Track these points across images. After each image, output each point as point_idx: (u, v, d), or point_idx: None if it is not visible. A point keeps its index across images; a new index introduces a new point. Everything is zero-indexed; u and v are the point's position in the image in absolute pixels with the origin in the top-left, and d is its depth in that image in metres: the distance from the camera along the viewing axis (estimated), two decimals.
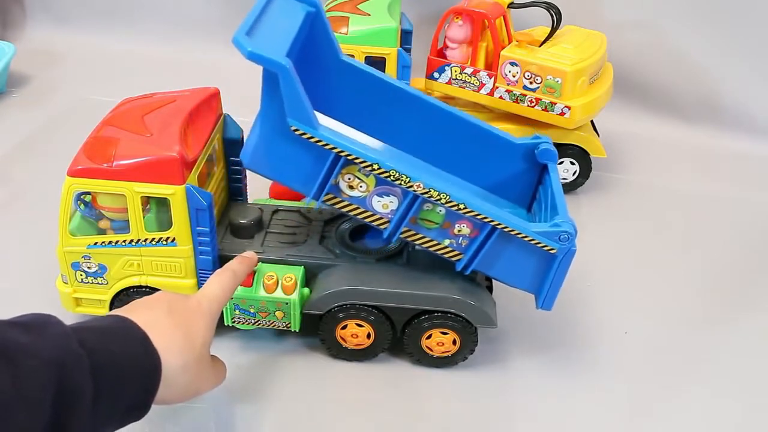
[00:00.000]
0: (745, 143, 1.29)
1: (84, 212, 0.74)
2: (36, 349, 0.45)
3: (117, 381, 0.49)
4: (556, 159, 0.80)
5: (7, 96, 1.33)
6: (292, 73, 0.62)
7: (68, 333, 0.48)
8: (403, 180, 0.67)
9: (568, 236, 0.69)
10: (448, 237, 0.71)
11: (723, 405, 0.77)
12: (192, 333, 0.57)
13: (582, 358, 0.82)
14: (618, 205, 1.12)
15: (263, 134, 0.68)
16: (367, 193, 0.69)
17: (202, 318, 0.60)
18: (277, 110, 0.65)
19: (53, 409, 0.44)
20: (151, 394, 0.52)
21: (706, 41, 1.29)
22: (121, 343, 0.51)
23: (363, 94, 0.82)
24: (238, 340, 0.80)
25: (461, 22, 1.07)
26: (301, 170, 0.69)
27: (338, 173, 0.68)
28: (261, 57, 0.61)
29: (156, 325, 0.54)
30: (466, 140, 0.82)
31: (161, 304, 0.58)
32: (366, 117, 0.83)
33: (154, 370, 0.52)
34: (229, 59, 1.45)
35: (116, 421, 0.51)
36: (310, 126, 0.65)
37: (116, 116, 0.75)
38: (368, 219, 0.71)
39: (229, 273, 0.67)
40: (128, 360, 0.50)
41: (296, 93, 0.63)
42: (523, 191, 0.84)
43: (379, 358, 0.79)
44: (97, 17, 1.54)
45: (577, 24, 1.14)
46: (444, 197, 0.68)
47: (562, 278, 0.72)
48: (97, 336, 0.50)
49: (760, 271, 0.98)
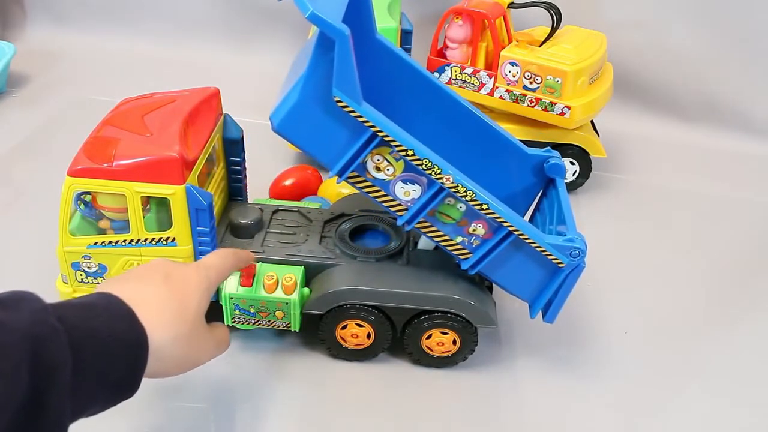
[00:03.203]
0: (745, 143, 1.29)
1: (84, 212, 0.74)
2: (11, 324, 0.43)
3: (99, 357, 0.48)
4: (564, 174, 0.80)
5: (7, 96, 1.33)
6: (349, 41, 0.60)
7: (45, 307, 0.46)
8: (434, 171, 0.67)
9: (579, 252, 0.70)
10: (462, 234, 0.71)
11: (723, 405, 0.77)
12: (185, 302, 0.56)
13: (582, 358, 0.82)
14: (618, 205, 1.12)
15: (302, 100, 0.65)
16: (392, 177, 0.69)
17: (198, 286, 0.58)
18: (324, 78, 0.63)
19: (30, 384, 0.43)
20: (138, 371, 0.51)
21: (705, 41, 1.29)
22: (103, 318, 0.50)
23: (390, 77, 0.81)
24: (238, 340, 0.80)
25: (461, 22, 1.07)
26: (333, 143, 0.67)
27: (369, 153, 0.67)
28: (322, 20, 0.59)
29: (145, 298, 0.53)
30: (480, 142, 0.82)
31: (156, 273, 0.57)
32: (388, 100, 0.81)
33: (139, 346, 0.51)
34: (229, 59, 1.48)
35: (103, 398, 0.49)
36: (354, 100, 0.64)
37: (116, 116, 0.75)
38: (387, 204, 0.70)
39: (229, 250, 0.67)
40: (111, 335, 0.49)
41: (349, 64, 0.62)
42: (523, 201, 0.84)
43: (379, 358, 0.79)
44: (97, 17, 1.54)
45: (577, 24, 1.14)
46: (470, 194, 0.67)
47: (567, 293, 0.73)
48: (77, 311, 0.49)
49: (760, 271, 0.98)
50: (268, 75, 1.11)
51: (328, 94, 0.63)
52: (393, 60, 0.80)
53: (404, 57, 0.80)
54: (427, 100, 0.81)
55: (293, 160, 1.13)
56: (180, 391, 0.73)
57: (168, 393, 0.73)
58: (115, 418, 0.53)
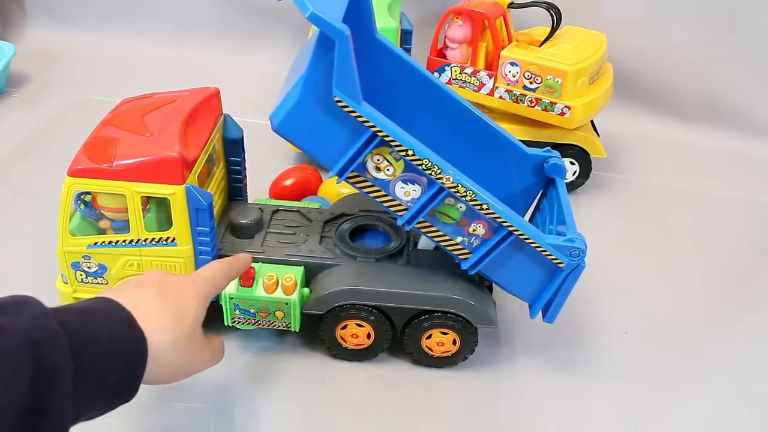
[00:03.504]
0: (745, 143, 1.29)
1: (84, 212, 0.74)
2: (12, 329, 0.44)
3: (100, 361, 0.48)
4: (564, 174, 0.80)
5: (7, 96, 1.33)
6: (349, 42, 0.60)
7: (46, 312, 0.47)
8: (434, 171, 0.67)
9: (579, 252, 0.70)
10: (462, 234, 0.71)
11: (723, 405, 0.77)
12: (182, 311, 0.57)
13: (582, 358, 0.82)
14: (618, 205, 1.12)
15: (302, 100, 0.65)
16: (392, 178, 0.69)
17: (194, 296, 0.59)
18: (323, 78, 0.63)
19: (31, 389, 0.43)
20: (137, 375, 0.51)
21: (705, 41, 1.29)
22: (104, 323, 0.50)
23: (391, 76, 0.81)
24: (238, 340, 0.80)
25: (461, 22, 1.07)
26: (332, 143, 0.67)
27: (369, 153, 0.67)
28: (322, 20, 0.59)
29: (144, 305, 0.54)
30: (480, 142, 0.82)
31: (152, 283, 0.57)
32: (388, 100, 0.81)
33: (139, 350, 0.51)
34: (229, 59, 1.48)
35: (102, 402, 0.50)
36: (354, 100, 0.64)
37: (116, 116, 0.75)
38: (386, 203, 0.70)
39: (225, 262, 0.67)
40: (111, 340, 0.49)
41: (348, 64, 0.62)
42: (524, 201, 0.84)
43: (379, 358, 0.79)
44: (97, 17, 1.54)
45: (577, 24, 1.14)
46: (470, 194, 0.68)
47: (567, 293, 0.73)
48: (78, 316, 0.49)
49: (760, 271, 0.98)
50: (268, 75, 1.11)
51: (328, 94, 0.63)
52: (393, 60, 0.80)
53: (404, 57, 0.80)
54: (427, 100, 0.81)
55: (293, 160, 1.13)
56: (180, 391, 0.73)
57: (168, 393, 0.73)
58: (115, 418, 0.53)
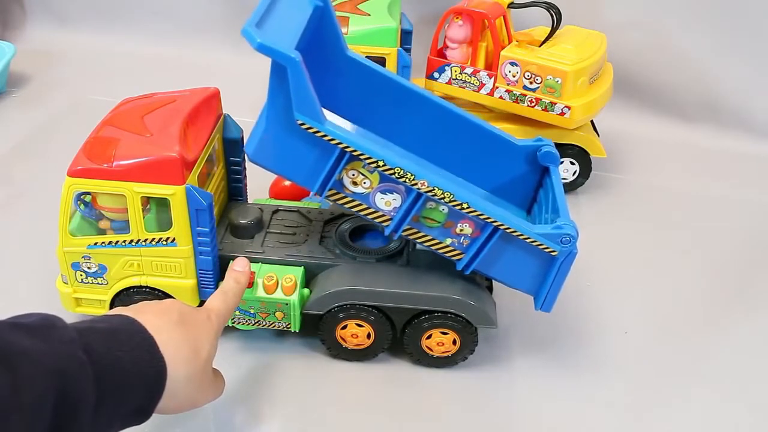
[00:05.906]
0: (745, 143, 1.29)
1: (84, 212, 0.74)
2: (38, 355, 0.44)
3: (120, 387, 0.49)
4: (557, 162, 0.80)
5: (7, 96, 1.33)
6: (301, 66, 0.61)
7: (73, 338, 0.47)
8: (407, 177, 0.67)
9: (570, 239, 0.69)
10: (450, 236, 0.71)
11: (723, 405, 0.77)
12: (198, 346, 0.57)
13: (582, 358, 0.82)
14: (618, 205, 1.12)
15: (269, 127, 0.67)
16: (370, 190, 0.69)
17: (210, 332, 0.60)
18: (284, 103, 0.65)
19: (53, 418, 0.43)
20: (154, 401, 0.52)
21: (706, 41, 1.29)
22: (127, 347, 0.51)
23: (368, 90, 0.82)
24: (238, 340, 0.80)
25: (461, 22, 1.07)
26: (305, 165, 0.68)
27: (342, 169, 0.68)
28: (271, 49, 0.61)
29: (164, 333, 0.54)
30: (469, 141, 0.82)
31: (171, 312, 0.58)
32: (370, 114, 0.83)
33: (158, 377, 0.52)
34: (229, 59, 1.47)
35: (117, 426, 0.51)
36: (316, 120, 0.65)
37: (116, 116, 0.75)
38: (370, 216, 0.71)
39: (236, 291, 0.67)
40: (134, 365, 0.50)
41: (304, 87, 0.63)
42: (523, 193, 0.84)
43: (379, 358, 0.79)
44: (97, 17, 1.54)
45: (577, 24, 1.14)
46: (448, 196, 0.68)
47: (562, 281, 0.72)
48: (103, 339, 0.49)
49: (760, 271, 0.98)
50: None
51: (292, 119, 0.65)
52: (369, 75, 0.81)
53: (380, 70, 0.81)
54: (409, 107, 0.82)
55: None
56: None
57: None
58: None
